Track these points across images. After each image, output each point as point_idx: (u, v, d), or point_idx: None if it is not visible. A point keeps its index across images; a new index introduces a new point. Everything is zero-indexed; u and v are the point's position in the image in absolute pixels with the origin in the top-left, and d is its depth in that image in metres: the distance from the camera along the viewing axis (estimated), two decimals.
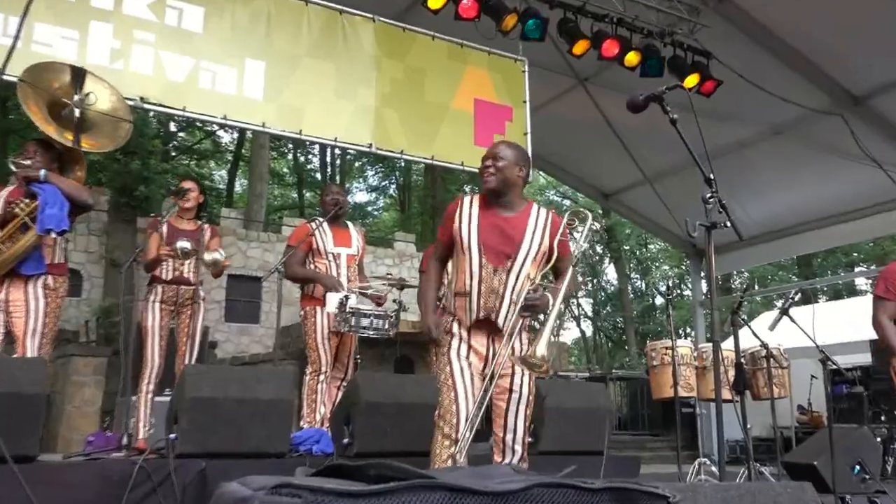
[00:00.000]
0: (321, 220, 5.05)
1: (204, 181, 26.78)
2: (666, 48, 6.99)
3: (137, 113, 14.36)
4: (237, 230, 18.48)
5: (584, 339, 34.91)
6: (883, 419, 8.63)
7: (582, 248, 3.22)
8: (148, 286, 5.04)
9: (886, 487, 5.11)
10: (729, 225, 2.84)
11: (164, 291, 4.98)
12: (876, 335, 4.31)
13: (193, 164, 27.10)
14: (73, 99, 4.43)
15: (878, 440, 5.28)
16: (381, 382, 4.42)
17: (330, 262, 4.95)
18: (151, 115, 16.36)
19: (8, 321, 4.20)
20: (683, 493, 1.58)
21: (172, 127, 25.29)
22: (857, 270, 25.29)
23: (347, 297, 4.68)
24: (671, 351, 5.73)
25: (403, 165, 28.38)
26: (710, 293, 3.05)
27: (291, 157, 32.03)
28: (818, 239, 9.19)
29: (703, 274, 10.74)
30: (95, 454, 4.14)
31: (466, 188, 24.22)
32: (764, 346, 5.75)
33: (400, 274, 14.00)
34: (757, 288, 24.68)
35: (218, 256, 4.88)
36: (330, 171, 31.29)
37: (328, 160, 31.25)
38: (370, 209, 34.78)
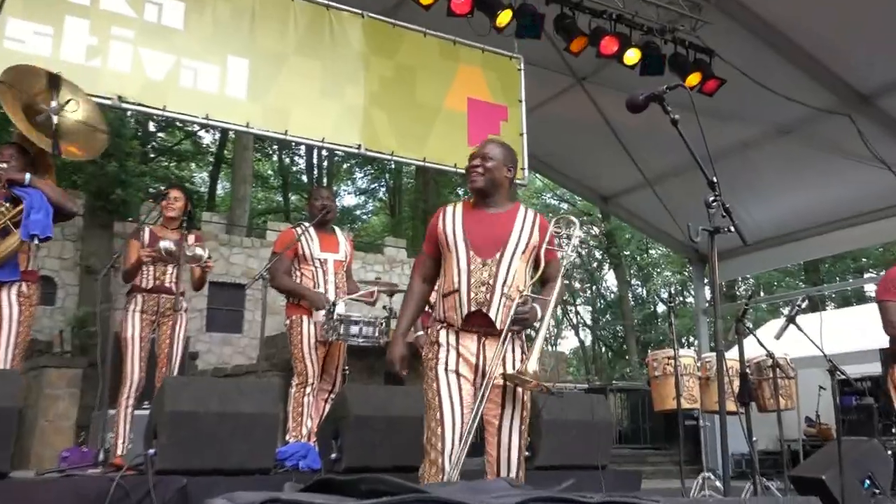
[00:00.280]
0: (307, 224, 5.05)
1: (184, 184, 26.78)
2: (667, 45, 7.03)
3: (115, 112, 14.24)
4: (219, 235, 18.45)
5: (582, 348, 34.93)
6: (894, 431, 8.66)
7: (570, 257, 3.21)
8: (127, 295, 5.02)
9: None
10: (733, 229, 2.86)
11: (144, 300, 4.97)
12: (889, 343, 4.33)
13: (173, 166, 27.06)
14: (49, 105, 4.42)
15: (888, 453, 5.28)
16: (370, 395, 4.41)
17: (316, 268, 4.95)
18: (129, 114, 16.31)
19: None
20: None
21: (151, 127, 25.24)
22: (866, 276, 25.39)
23: (335, 304, 4.68)
24: (673, 361, 5.74)
25: (393, 167, 28.42)
26: (713, 300, 3.07)
27: (276, 158, 32.01)
28: (826, 243, 9.23)
29: (706, 280, 10.77)
30: (70, 471, 4.12)
31: (460, 191, 24.26)
32: (770, 355, 5.77)
33: (390, 280, 13.99)
34: (762, 295, 24.76)
35: (200, 251, 4.87)
36: (316, 173, 31.28)
37: (315, 162, 31.24)
38: (358, 213, 34.77)
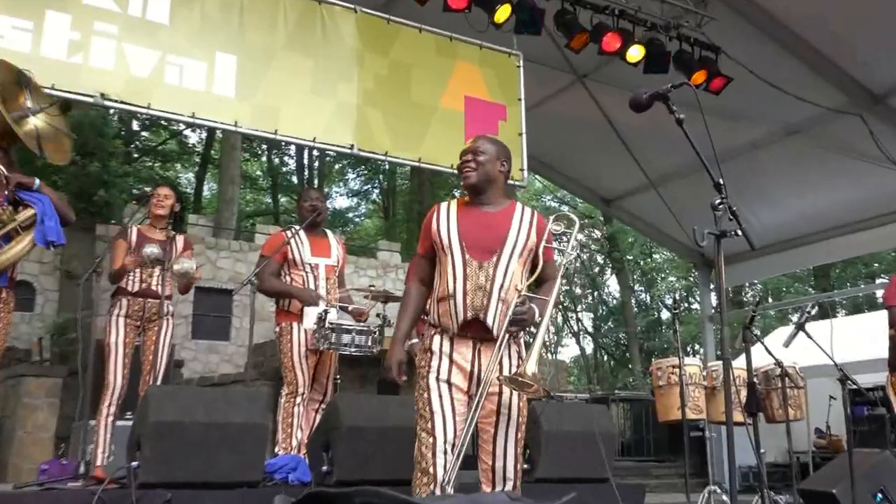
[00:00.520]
0: (297, 227, 5.05)
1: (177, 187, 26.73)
2: (671, 42, 7.04)
3: (97, 111, 14.16)
4: (206, 238, 18.39)
5: (583, 356, 34.91)
6: None
7: (570, 256, 3.22)
8: (112, 298, 5.02)
9: None
10: (740, 233, 2.86)
11: (129, 305, 4.96)
12: (889, 349, 4.34)
13: (158, 166, 27.02)
14: (26, 106, 4.41)
15: None
16: (363, 405, 4.40)
17: (307, 273, 4.94)
18: (112, 113, 16.32)
19: None
20: None
21: (135, 126, 25.21)
22: (877, 282, 25.45)
23: (327, 311, 4.67)
24: (678, 370, 5.74)
25: (388, 168, 28.41)
26: (720, 307, 3.07)
27: (265, 158, 31.98)
28: (836, 248, 9.25)
29: (712, 286, 10.78)
30: (50, 484, 4.11)
31: (456, 193, 24.28)
32: (778, 364, 5.77)
33: (384, 286, 13.97)
34: (770, 301, 24.82)
35: (189, 266, 4.87)
36: (307, 174, 31.25)
37: (305, 162, 31.22)
38: (351, 216, 34.76)
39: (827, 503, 4.79)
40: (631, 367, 29.74)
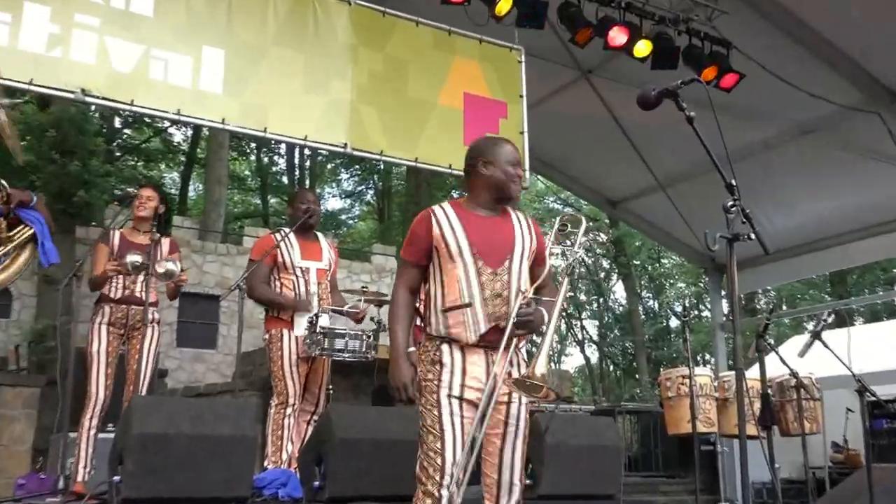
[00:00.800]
0: (287, 230, 5.05)
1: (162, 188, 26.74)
2: (680, 37, 7.05)
3: (78, 107, 14.16)
4: (191, 241, 18.38)
5: (588, 366, 34.96)
6: None
7: (577, 255, 3.24)
8: (95, 305, 5.02)
9: None
10: (753, 237, 2.86)
11: (112, 312, 4.96)
12: None
13: (141, 165, 27.00)
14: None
15: None
16: (357, 416, 4.41)
17: (298, 277, 4.95)
18: (94, 109, 16.31)
19: None
20: None
21: (117, 123, 25.21)
22: None
23: (318, 315, 4.67)
24: (688, 380, 5.75)
25: (383, 168, 28.43)
26: (732, 314, 3.08)
27: (254, 158, 31.99)
28: (853, 253, 9.25)
29: (724, 293, 10.78)
30: (27, 499, 4.11)
31: (455, 194, 24.28)
32: (793, 374, 5.79)
33: (378, 290, 13.97)
34: (785, 309, 24.81)
35: (172, 266, 4.87)
36: (298, 174, 31.26)
37: (296, 162, 31.23)
38: (344, 218, 34.77)
39: None
40: (638, 377, 29.75)
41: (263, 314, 5.06)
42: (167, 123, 23.57)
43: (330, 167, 32.39)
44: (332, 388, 5.06)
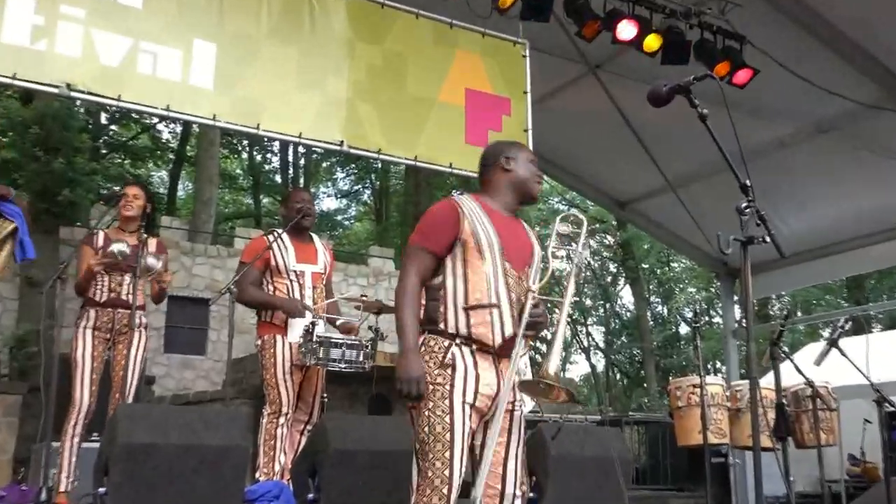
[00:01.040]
0: (280, 231, 5.05)
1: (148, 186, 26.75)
2: (692, 30, 7.05)
3: (62, 102, 14.17)
4: (180, 243, 18.38)
5: (594, 374, 35.03)
6: None
7: (581, 257, 3.25)
8: (80, 309, 5.02)
9: None
10: (768, 240, 2.86)
11: (97, 316, 4.97)
12: None
13: (128, 163, 27.01)
14: None
15: None
16: (352, 426, 4.41)
17: (292, 281, 4.95)
18: (79, 104, 16.32)
19: None
20: None
21: (103, 119, 25.23)
22: None
23: (314, 323, 4.67)
24: (699, 389, 5.74)
25: (380, 167, 28.42)
26: (745, 321, 3.08)
27: (246, 156, 32.02)
28: (872, 257, 9.25)
29: (736, 298, 10.78)
30: None
31: (455, 194, 24.25)
32: (809, 384, 5.78)
33: (376, 295, 13.99)
34: (800, 315, 24.84)
35: (152, 261, 4.86)
36: (292, 173, 31.28)
37: (290, 160, 31.24)
38: (340, 219, 34.79)
39: None
40: (646, 386, 29.76)
41: (255, 319, 5.06)
42: (156, 120, 23.64)
43: (325, 166, 32.41)
44: (326, 396, 5.06)
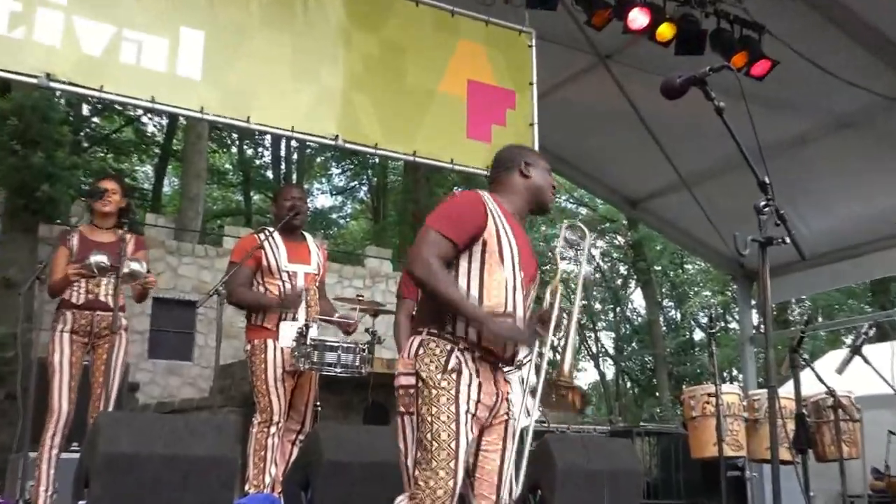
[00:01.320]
0: (271, 230, 5.05)
1: (125, 180, 26.75)
2: (708, 19, 7.05)
3: (42, 93, 14.16)
4: (166, 242, 18.39)
5: (603, 382, 34.94)
6: None
7: (586, 270, 3.29)
8: (56, 311, 5.01)
9: None
10: (788, 241, 2.86)
11: (75, 319, 4.96)
12: None
13: (111, 157, 27.05)
14: None
15: None
16: (347, 436, 4.41)
17: (284, 282, 4.95)
18: (59, 95, 16.32)
19: None
20: None
21: (85, 111, 25.24)
22: None
23: (308, 325, 4.67)
24: (714, 399, 5.75)
25: (377, 163, 28.44)
26: (763, 326, 3.08)
27: (236, 150, 32.03)
28: None
29: (754, 302, 10.78)
30: None
31: (457, 192, 24.28)
32: (831, 393, 5.78)
33: (373, 298, 13.95)
34: (821, 321, 24.81)
35: (138, 267, 4.86)
36: (284, 168, 31.30)
37: (282, 155, 31.27)
38: (335, 217, 34.81)
39: None
40: (658, 395, 29.75)
41: (244, 323, 5.06)
42: (140, 112, 23.64)
43: (319, 161, 32.44)
44: (320, 404, 5.06)
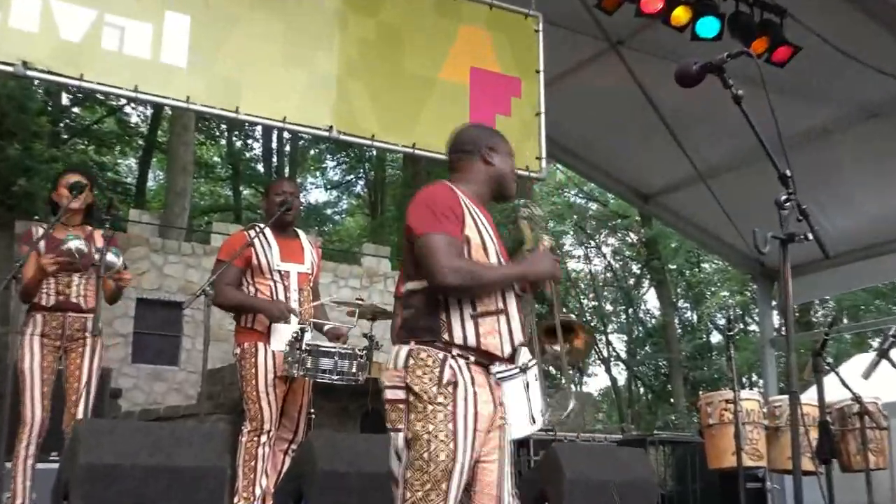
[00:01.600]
0: (262, 226, 5.05)
1: (106, 174, 26.80)
2: (726, 2, 7.04)
3: (18, 82, 14.15)
4: (150, 239, 18.40)
5: (615, 388, 34.96)
6: None
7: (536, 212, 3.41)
8: (26, 314, 5.01)
9: None
10: (811, 238, 2.85)
11: (45, 321, 4.96)
12: None
13: (92, 150, 27.06)
14: None
15: None
16: (342, 446, 4.41)
17: (275, 282, 4.95)
18: (37, 84, 16.34)
19: None
20: None
21: (65, 100, 25.29)
22: None
23: (303, 329, 4.67)
24: (733, 406, 5.74)
25: (375, 155, 28.44)
26: (785, 329, 3.07)
27: (224, 142, 32.05)
28: None
29: (775, 303, 10.78)
30: None
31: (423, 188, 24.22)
32: (856, 399, 5.77)
33: (370, 299, 13.95)
34: (846, 322, 24.81)
35: (113, 258, 4.85)
36: (276, 161, 31.34)
37: (274, 147, 31.30)
38: (329, 212, 34.83)
39: None
40: (673, 401, 29.76)
41: (234, 325, 5.05)
42: (123, 102, 23.63)
43: (313, 153, 32.48)
44: (314, 411, 5.06)
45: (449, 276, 2.81)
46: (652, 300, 34.74)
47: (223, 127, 29.66)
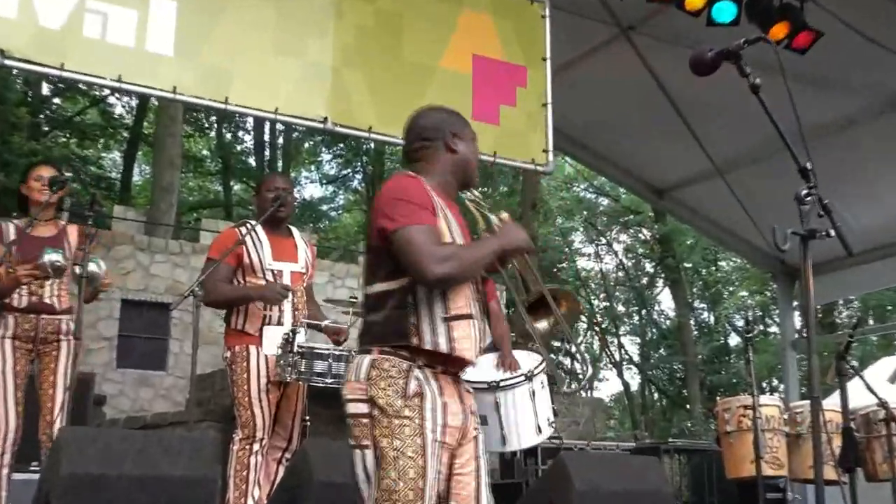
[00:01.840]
0: (253, 223, 5.05)
1: (89, 168, 26.81)
2: None
3: None
4: (136, 237, 18.42)
5: (628, 394, 34.96)
6: None
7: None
8: None
9: None
10: (833, 234, 2.85)
11: (17, 323, 4.96)
12: None
13: (74, 143, 27.07)
14: None
15: None
16: (338, 454, 4.40)
17: (268, 281, 4.95)
18: (15, 73, 16.34)
19: None
20: None
21: (45, 90, 25.30)
22: None
23: (295, 331, 4.67)
24: (752, 411, 5.74)
25: (372, 148, 28.44)
26: (806, 330, 3.07)
27: (214, 135, 32.05)
28: None
29: (796, 303, 10.77)
30: None
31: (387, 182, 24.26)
32: (882, 405, 5.77)
33: None
34: (872, 324, 24.80)
35: (95, 268, 4.86)
36: (268, 154, 31.34)
37: (266, 140, 31.29)
38: (325, 209, 34.84)
39: None
40: (689, 407, 29.75)
41: (224, 327, 5.06)
42: (106, 92, 23.71)
43: (307, 146, 32.47)
44: (308, 419, 5.06)
45: (437, 266, 2.76)
46: (666, 300, 34.81)
47: (212, 118, 29.68)
